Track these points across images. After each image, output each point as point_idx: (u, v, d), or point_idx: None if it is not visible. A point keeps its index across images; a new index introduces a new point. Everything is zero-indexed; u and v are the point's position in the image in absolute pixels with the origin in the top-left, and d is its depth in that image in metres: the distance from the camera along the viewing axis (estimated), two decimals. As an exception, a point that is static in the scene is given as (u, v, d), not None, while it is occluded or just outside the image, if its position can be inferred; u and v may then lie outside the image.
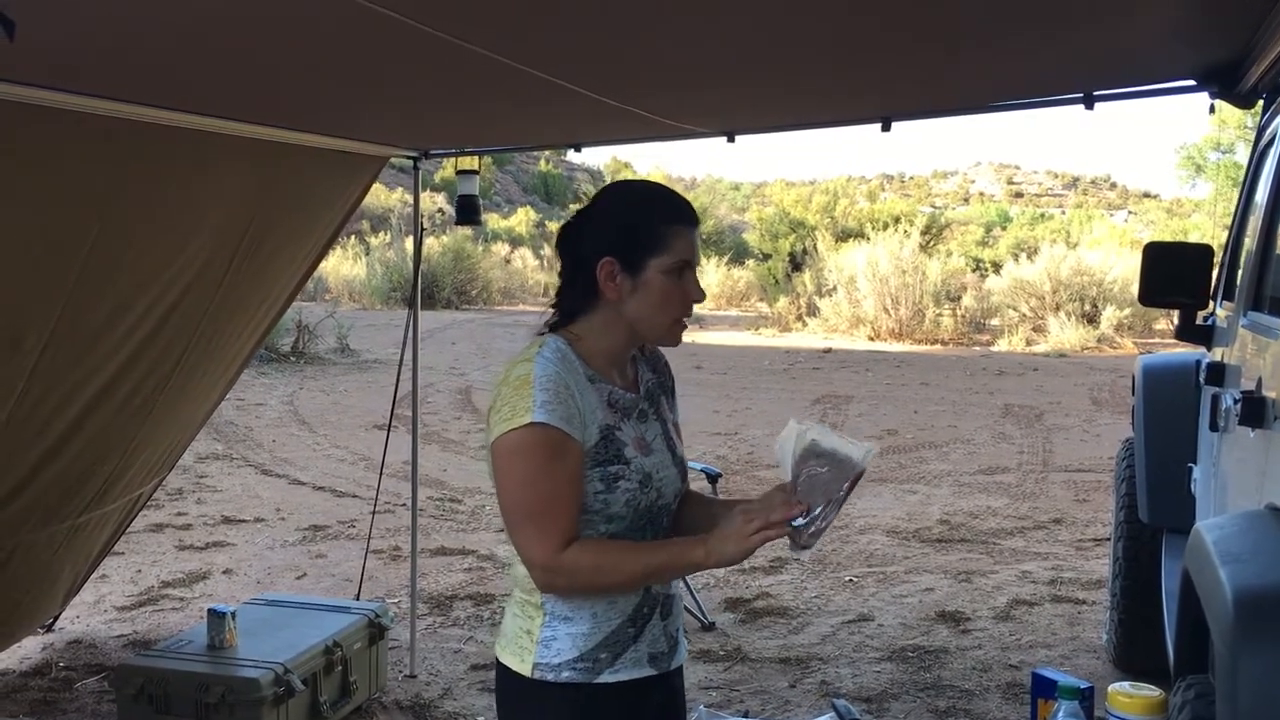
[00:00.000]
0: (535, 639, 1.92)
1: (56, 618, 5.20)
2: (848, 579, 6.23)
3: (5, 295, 3.17)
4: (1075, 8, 2.54)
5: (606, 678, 1.91)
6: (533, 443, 1.83)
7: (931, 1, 2.41)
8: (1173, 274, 3.62)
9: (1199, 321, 3.95)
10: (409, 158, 4.61)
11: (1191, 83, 3.41)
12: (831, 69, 3.10)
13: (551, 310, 2.00)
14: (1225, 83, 3.32)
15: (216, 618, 4.10)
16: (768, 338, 20.23)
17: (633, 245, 1.90)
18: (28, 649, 4.99)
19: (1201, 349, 4.18)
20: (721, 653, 5.09)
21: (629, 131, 4.18)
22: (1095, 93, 3.49)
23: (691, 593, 5.53)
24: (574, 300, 1.96)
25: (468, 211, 4.79)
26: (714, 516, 2.04)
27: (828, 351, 17.68)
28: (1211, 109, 3.54)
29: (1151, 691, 1.95)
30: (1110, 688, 1.96)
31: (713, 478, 5.67)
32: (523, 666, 1.92)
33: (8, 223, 3.04)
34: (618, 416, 1.94)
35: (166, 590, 5.92)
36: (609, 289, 1.92)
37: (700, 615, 5.43)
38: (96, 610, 5.57)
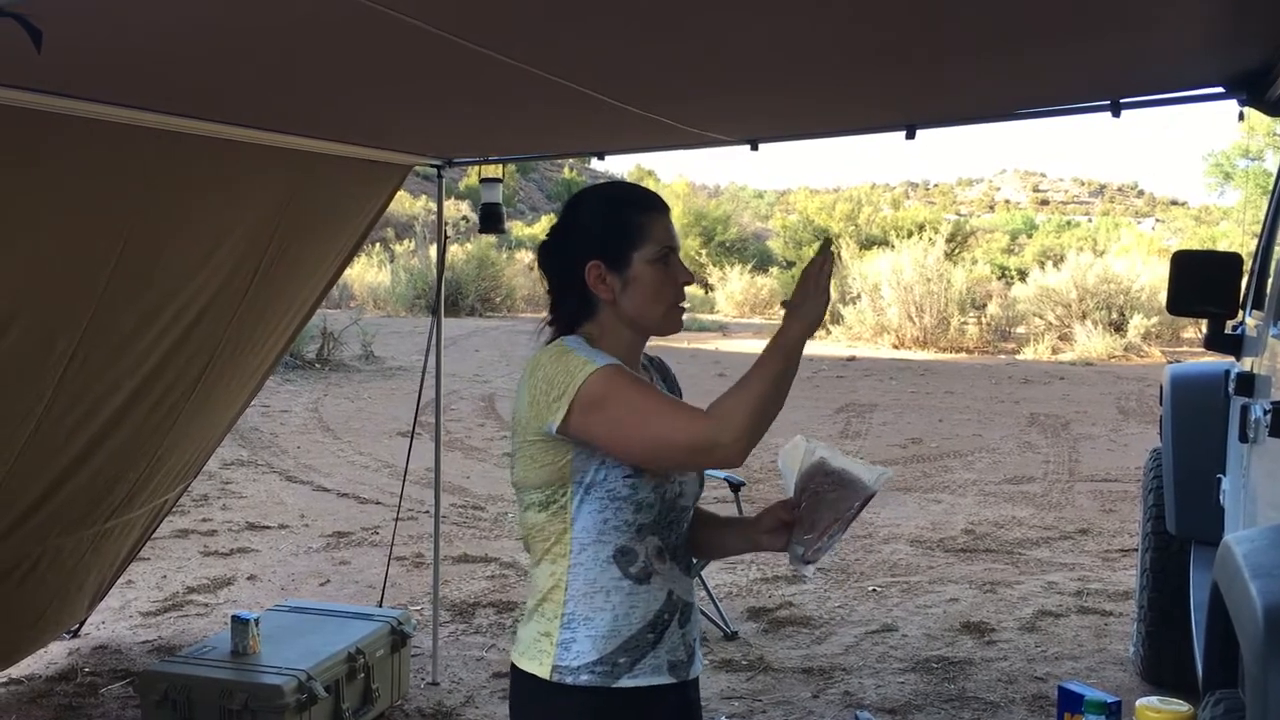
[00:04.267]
0: (554, 641, 1.92)
1: (82, 623, 5.24)
2: (871, 589, 6.19)
3: (35, 303, 3.19)
4: (1102, 16, 2.52)
5: (625, 682, 1.91)
6: (610, 375, 1.85)
7: (957, 10, 2.40)
8: (1202, 282, 3.59)
9: (1228, 331, 3.91)
10: (433, 166, 4.63)
11: (1220, 90, 3.38)
12: (856, 77, 3.09)
13: (548, 327, 2.01)
14: (1254, 90, 3.28)
15: (240, 624, 4.11)
16: (791, 345, 20.14)
17: (614, 243, 1.94)
18: (54, 654, 5.02)
19: (1231, 358, 4.14)
20: (744, 662, 5.07)
21: (653, 139, 4.18)
22: (1122, 100, 3.47)
23: (714, 602, 5.51)
24: (572, 311, 1.98)
25: (491, 220, 4.80)
26: (734, 531, 2.12)
27: (851, 359, 17.60)
28: (1240, 116, 3.50)
29: (1179, 707, 1.93)
30: (1138, 702, 1.94)
31: (735, 486, 5.65)
32: (541, 669, 1.92)
33: (38, 231, 3.07)
34: None
35: (191, 596, 5.95)
36: (601, 290, 1.94)
37: (723, 624, 5.41)
38: (122, 616, 5.60)
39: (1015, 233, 42.66)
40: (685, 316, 2.02)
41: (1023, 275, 24.43)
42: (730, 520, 2.13)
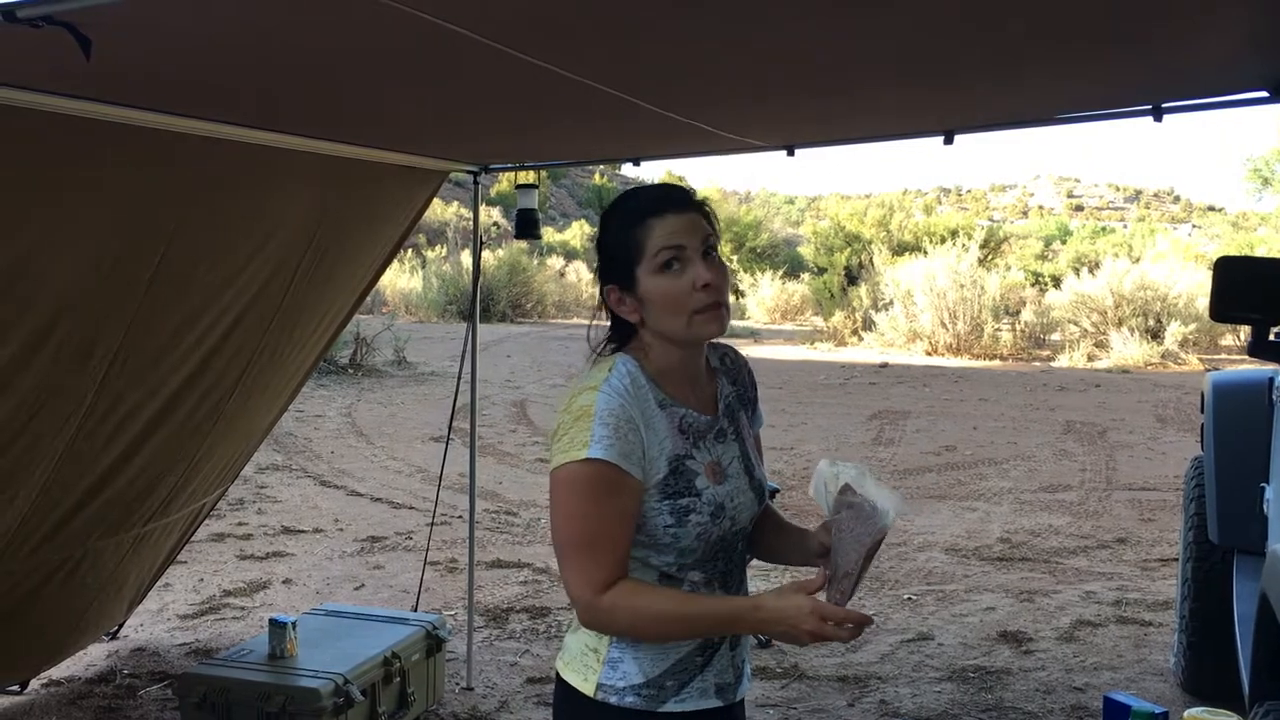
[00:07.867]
0: (601, 658, 1.88)
1: (121, 625, 5.29)
2: (906, 597, 6.15)
3: (76, 309, 3.23)
4: (1146, 22, 2.49)
5: (671, 707, 1.87)
6: (586, 478, 1.79)
7: (999, 17, 2.38)
8: (1246, 289, 3.54)
9: (1272, 338, 3.86)
10: (469, 172, 4.65)
11: (1264, 94, 3.34)
12: (896, 82, 3.07)
13: (609, 342, 1.96)
14: (1299, 94, 3.24)
15: (278, 627, 4.14)
16: (823, 352, 20.10)
17: (618, 264, 1.88)
18: (93, 656, 5.07)
19: (1274, 365, 4.09)
20: (779, 670, 5.04)
21: (690, 145, 4.18)
22: (1164, 105, 3.43)
23: (748, 609, 5.48)
24: (619, 329, 1.95)
25: (527, 226, 4.81)
26: (793, 544, 2.03)
27: (884, 366, 17.51)
28: (1285, 120, 3.46)
29: (1228, 717, 1.90)
30: (1186, 713, 1.91)
31: (770, 493, 5.64)
32: (585, 685, 1.88)
33: (79, 238, 3.10)
34: (689, 443, 1.89)
35: (228, 599, 6.00)
36: (624, 313, 1.90)
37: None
38: (160, 618, 5.65)
39: (1049, 239, 42.39)
40: None
41: (1057, 282, 24.22)
42: (791, 531, 2.06)
